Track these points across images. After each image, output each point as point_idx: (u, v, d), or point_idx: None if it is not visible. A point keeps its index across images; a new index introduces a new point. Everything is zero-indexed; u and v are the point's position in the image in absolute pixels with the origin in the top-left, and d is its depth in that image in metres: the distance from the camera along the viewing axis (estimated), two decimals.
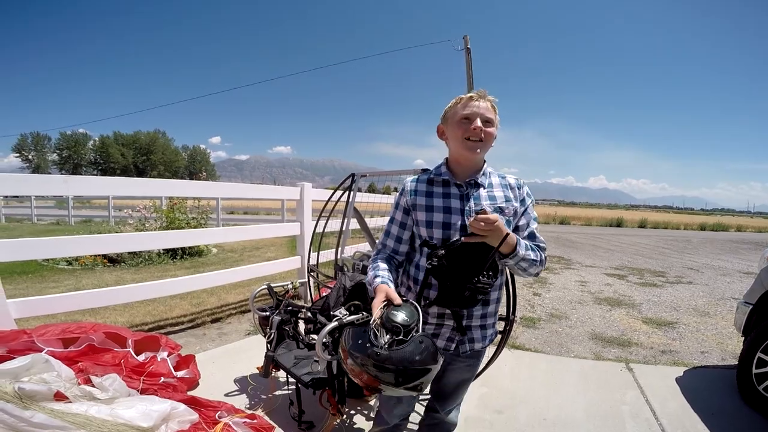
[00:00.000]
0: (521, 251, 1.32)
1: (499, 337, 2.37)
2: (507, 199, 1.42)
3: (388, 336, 1.13)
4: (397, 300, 1.23)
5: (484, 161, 1.46)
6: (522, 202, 1.46)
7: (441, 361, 1.19)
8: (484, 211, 1.25)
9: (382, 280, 1.33)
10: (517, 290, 2.31)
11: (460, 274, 1.30)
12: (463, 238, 1.31)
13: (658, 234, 21.64)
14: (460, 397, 1.61)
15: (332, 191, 4.02)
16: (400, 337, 1.13)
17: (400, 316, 1.17)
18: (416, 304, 1.24)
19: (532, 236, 1.44)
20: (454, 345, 1.45)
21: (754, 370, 2.65)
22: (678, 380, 3.00)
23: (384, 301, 1.23)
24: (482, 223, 1.23)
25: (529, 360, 3.38)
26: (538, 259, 1.38)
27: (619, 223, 28.49)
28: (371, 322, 1.19)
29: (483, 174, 1.44)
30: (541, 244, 1.43)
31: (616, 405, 2.63)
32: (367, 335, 1.15)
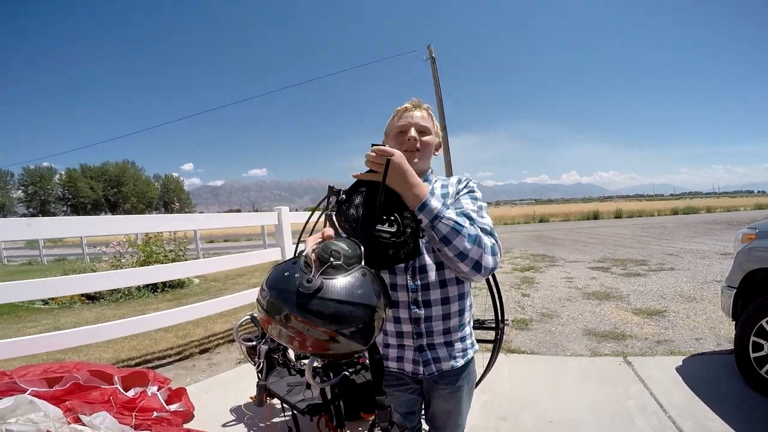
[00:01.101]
0: (433, 203, 1.08)
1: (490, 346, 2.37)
2: (445, 197, 1.31)
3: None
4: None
5: (429, 170, 1.39)
6: (458, 192, 1.32)
7: (386, 306, 0.93)
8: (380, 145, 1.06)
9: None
10: (504, 293, 2.30)
11: (363, 223, 1.07)
12: (353, 174, 1.12)
13: (634, 223, 22.22)
14: (455, 428, 1.43)
15: (311, 212, 3.98)
16: (340, 263, 0.87)
17: (340, 244, 0.90)
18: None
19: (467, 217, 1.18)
20: (422, 368, 1.30)
21: (752, 354, 2.67)
22: (678, 370, 3.02)
23: (320, 239, 0.95)
24: (373, 154, 1.04)
25: (527, 362, 3.37)
26: (465, 226, 1.09)
27: (595, 216, 29.16)
28: (302, 253, 0.90)
29: (426, 182, 1.28)
30: (481, 225, 1.16)
31: (622, 400, 2.62)
32: (297, 267, 0.86)
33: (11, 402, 1.69)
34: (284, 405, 2.19)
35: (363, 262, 0.91)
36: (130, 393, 2.37)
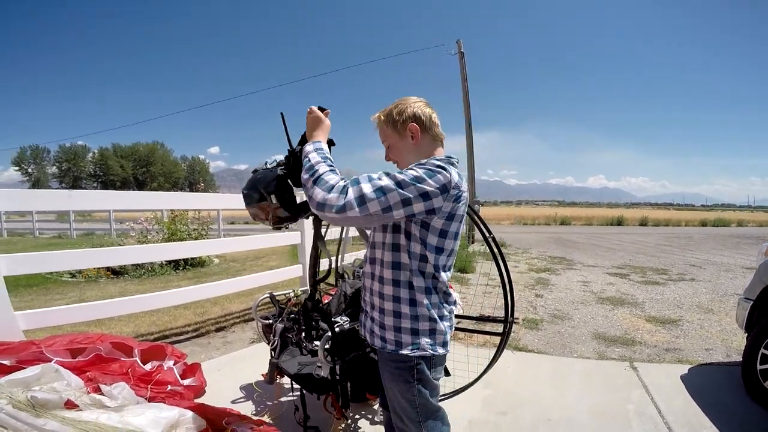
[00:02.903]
0: (307, 147, 1.36)
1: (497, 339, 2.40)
2: None
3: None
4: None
5: (430, 155, 1.44)
6: None
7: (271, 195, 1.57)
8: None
9: None
10: (517, 293, 2.32)
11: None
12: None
13: (659, 231, 21.66)
14: (400, 420, 1.45)
15: None
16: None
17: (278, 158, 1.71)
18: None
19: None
20: (367, 335, 1.49)
21: (759, 366, 2.65)
22: (683, 378, 3.01)
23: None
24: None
25: (533, 361, 3.39)
26: (313, 165, 1.27)
27: (619, 222, 28.49)
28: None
29: None
30: (348, 179, 1.24)
31: (621, 404, 2.64)
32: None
33: (38, 370, 1.81)
34: (293, 384, 2.29)
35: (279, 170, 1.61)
36: (148, 366, 2.50)
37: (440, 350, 1.40)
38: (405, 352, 1.36)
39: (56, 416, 1.47)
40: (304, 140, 1.55)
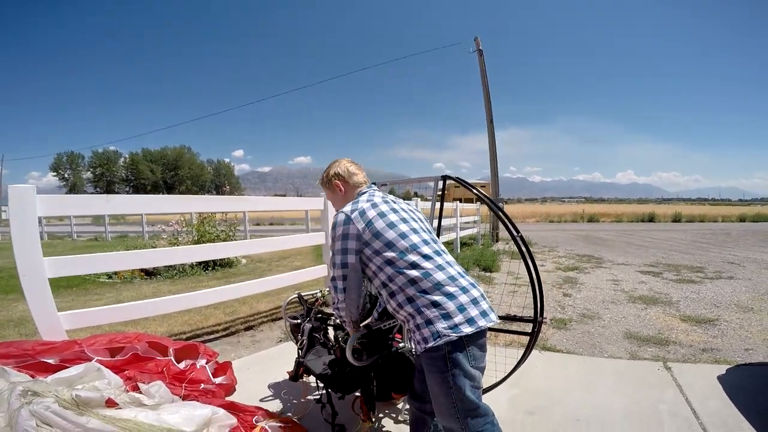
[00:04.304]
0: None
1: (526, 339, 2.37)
2: None
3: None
4: None
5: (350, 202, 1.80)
6: None
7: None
8: None
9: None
10: (544, 292, 2.28)
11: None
12: None
13: (693, 228, 20.83)
14: (438, 412, 1.57)
15: None
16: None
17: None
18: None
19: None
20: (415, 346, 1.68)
21: None
22: (720, 378, 2.89)
23: None
24: None
25: (561, 361, 3.33)
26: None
27: (651, 218, 27.56)
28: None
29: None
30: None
31: (654, 404, 2.56)
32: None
33: (81, 369, 1.90)
34: (317, 383, 2.33)
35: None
36: (182, 365, 2.58)
37: (466, 329, 1.44)
38: (431, 344, 1.46)
39: (97, 414, 1.54)
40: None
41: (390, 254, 1.57)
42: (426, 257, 1.58)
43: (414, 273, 1.54)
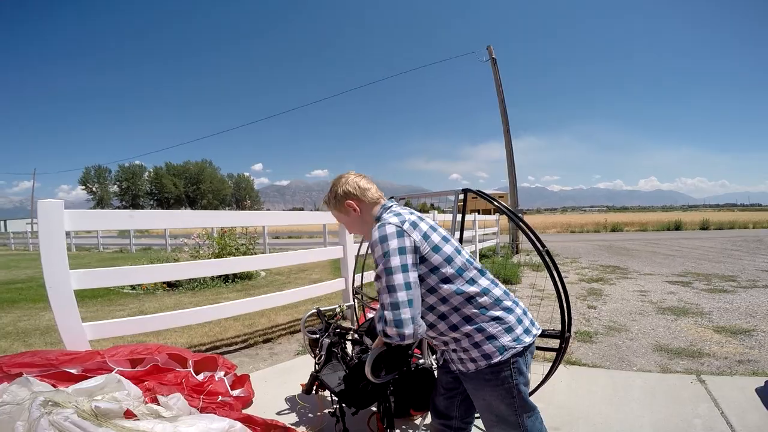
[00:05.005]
0: (378, 327, 1.42)
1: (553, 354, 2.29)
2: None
3: None
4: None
5: (375, 218, 1.60)
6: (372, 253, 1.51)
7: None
8: None
9: None
10: (570, 304, 2.20)
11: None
12: None
13: (723, 235, 20.05)
14: (491, 425, 1.55)
15: None
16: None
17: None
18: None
19: (379, 295, 1.43)
20: (441, 360, 1.66)
21: None
22: (759, 391, 2.72)
23: None
24: None
25: (587, 375, 3.20)
26: (380, 329, 1.39)
27: (677, 226, 26.71)
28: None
29: (377, 221, 1.58)
30: (380, 310, 1.40)
31: (688, 419, 2.43)
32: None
33: (102, 380, 1.93)
34: (331, 397, 2.30)
35: None
36: (200, 377, 2.58)
37: (526, 339, 1.46)
38: (497, 359, 1.43)
39: (116, 425, 1.55)
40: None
41: (449, 271, 1.44)
42: (481, 272, 1.51)
43: (473, 289, 1.45)
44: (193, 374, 2.55)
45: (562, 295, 2.17)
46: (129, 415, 1.69)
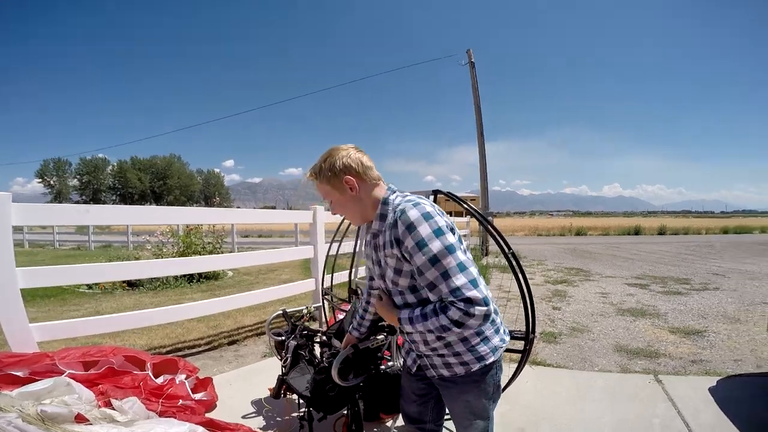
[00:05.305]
0: (405, 327, 1.31)
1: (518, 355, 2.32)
2: (390, 245, 1.31)
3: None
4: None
5: (381, 200, 1.39)
6: (398, 243, 1.27)
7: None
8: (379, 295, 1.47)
9: (350, 328, 1.79)
10: (535, 305, 2.24)
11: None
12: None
13: (678, 240, 21.13)
14: (468, 426, 1.49)
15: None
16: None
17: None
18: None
19: (430, 288, 1.24)
20: (415, 367, 1.49)
21: None
22: (711, 390, 2.87)
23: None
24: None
25: (552, 376, 3.28)
26: (438, 324, 1.21)
27: (637, 231, 27.91)
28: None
29: (379, 217, 1.38)
30: (448, 298, 1.20)
31: (647, 418, 2.52)
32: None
33: (50, 383, 1.81)
34: (299, 401, 2.24)
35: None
36: (160, 380, 2.48)
37: (507, 338, 1.46)
38: (490, 360, 1.38)
39: (65, 430, 1.45)
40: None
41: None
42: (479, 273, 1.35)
43: None
44: (152, 377, 2.43)
45: (527, 296, 2.21)
46: (80, 419, 1.59)
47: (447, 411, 1.59)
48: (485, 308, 1.17)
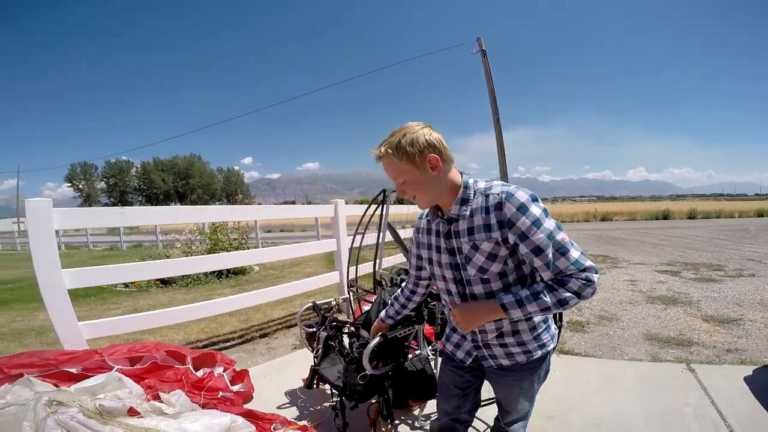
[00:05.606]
0: (514, 314, 1.25)
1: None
2: (487, 228, 1.25)
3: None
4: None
5: (461, 185, 1.32)
6: (508, 225, 1.23)
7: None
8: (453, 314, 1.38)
9: (383, 316, 1.85)
10: None
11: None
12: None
13: (710, 224, 20.40)
14: (518, 413, 1.54)
15: (366, 206, 4.09)
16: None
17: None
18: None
19: (548, 266, 1.22)
20: (470, 359, 1.48)
21: None
22: (747, 380, 2.81)
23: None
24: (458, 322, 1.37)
25: (580, 364, 3.28)
26: (555, 300, 1.20)
27: (665, 216, 27.10)
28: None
29: (460, 202, 1.30)
30: (568, 271, 1.21)
31: (678, 407, 2.50)
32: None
33: (103, 379, 1.93)
34: (332, 390, 2.32)
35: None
36: (200, 373, 2.59)
37: (554, 330, 1.48)
38: (551, 347, 1.44)
39: (121, 423, 1.56)
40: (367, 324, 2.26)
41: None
42: None
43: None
44: (193, 371, 2.56)
45: None
46: (132, 412, 1.70)
47: (482, 399, 1.64)
48: (597, 275, 1.22)
